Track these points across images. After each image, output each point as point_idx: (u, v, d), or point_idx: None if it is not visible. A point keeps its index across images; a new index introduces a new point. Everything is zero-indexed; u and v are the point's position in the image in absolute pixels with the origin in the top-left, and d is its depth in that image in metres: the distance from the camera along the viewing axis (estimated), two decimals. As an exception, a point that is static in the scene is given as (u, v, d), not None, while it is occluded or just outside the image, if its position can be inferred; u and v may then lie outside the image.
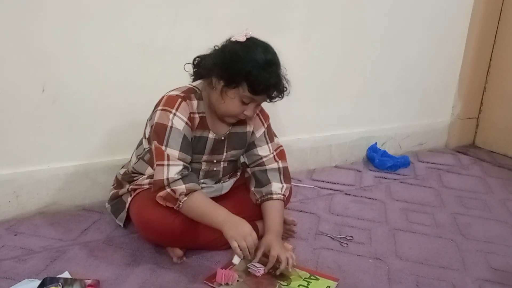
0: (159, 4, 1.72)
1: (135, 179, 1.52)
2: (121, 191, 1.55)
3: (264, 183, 1.53)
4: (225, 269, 1.34)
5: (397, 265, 1.50)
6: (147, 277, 1.36)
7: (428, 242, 1.66)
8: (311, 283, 1.36)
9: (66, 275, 1.33)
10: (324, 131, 2.31)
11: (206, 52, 1.40)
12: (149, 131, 1.43)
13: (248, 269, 1.39)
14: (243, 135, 1.52)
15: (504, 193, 2.14)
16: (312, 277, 1.39)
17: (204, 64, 1.41)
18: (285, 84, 1.38)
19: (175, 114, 1.35)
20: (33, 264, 1.40)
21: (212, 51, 1.39)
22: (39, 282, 1.25)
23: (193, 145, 1.42)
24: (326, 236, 1.66)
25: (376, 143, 2.45)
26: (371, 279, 1.41)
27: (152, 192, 1.37)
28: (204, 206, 1.35)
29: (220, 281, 1.32)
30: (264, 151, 1.55)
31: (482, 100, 2.79)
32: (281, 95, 1.39)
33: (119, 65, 1.71)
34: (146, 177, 1.49)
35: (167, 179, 1.33)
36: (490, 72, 2.72)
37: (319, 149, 2.31)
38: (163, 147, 1.34)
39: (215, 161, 1.49)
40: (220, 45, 1.38)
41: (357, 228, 1.73)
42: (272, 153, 1.55)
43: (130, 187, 1.52)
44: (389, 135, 2.53)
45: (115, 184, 1.62)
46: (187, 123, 1.37)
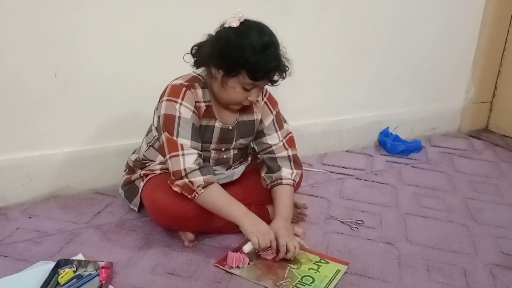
0: (169, -12, 1.72)
1: (146, 165, 1.53)
2: (134, 177, 1.56)
3: (275, 169, 1.53)
4: (236, 252, 1.35)
5: (408, 249, 1.50)
6: (159, 259, 1.38)
7: (439, 226, 1.66)
8: (321, 266, 1.37)
9: (80, 257, 1.35)
10: (335, 116, 2.30)
11: (202, 39, 1.37)
12: (157, 122, 1.42)
13: (258, 253, 1.40)
14: (251, 123, 1.51)
15: (516, 177, 2.13)
16: (322, 261, 1.40)
17: (201, 53, 1.37)
18: (286, 63, 1.35)
19: (181, 103, 1.34)
20: (48, 246, 1.42)
21: (208, 38, 1.35)
22: (53, 264, 1.28)
23: (200, 134, 1.41)
24: (336, 220, 1.66)
25: (387, 128, 2.44)
26: (381, 263, 1.42)
27: (169, 182, 1.37)
28: (221, 200, 1.36)
29: (231, 264, 1.34)
30: (273, 139, 1.54)
31: (496, 84, 2.75)
32: (283, 76, 1.36)
33: (130, 49, 1.71)
34: (157, 162, 1.49)
35: (185, 169, 1.32)
36: (504, 55, 2.67)
37: (330, 134, 2.30)
38: (175, 137, 1.34)
39: (223, 149, 1.48)
40: (214, 32, 1.34)
41: (368, 212, 1.73)
42: (281, 141, 1.54)
43: (142, 172, 1.53)
44: (401, 119, 2.50)
45: (126, 170, 1.63)
46: (194, 112, 1.36)
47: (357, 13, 2.17)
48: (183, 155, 1.33)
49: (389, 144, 2.35)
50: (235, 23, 1.29)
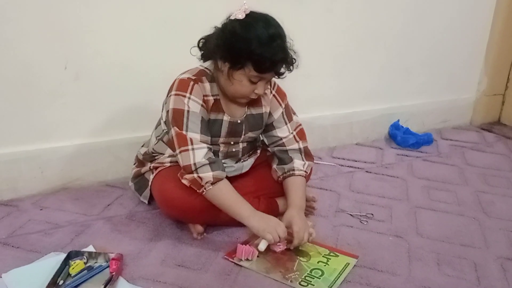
0: (180, -22, 1.71)
1: (156, 158, 1.53)
2: (143, 169, 1.57)
3: (286, 161, 1.52)
4: (245, 245, 1.36)
5: (418, 242, 1.49)
6: (168, 251, 1.38)
7: (449, 220, 1.65)
8: (330, 259, 1.37)
9: (90, 249, 1.36)
10: (345, 108, 2.29)
11: (210, 32, 1.36)
12: (165, 116, 1.42)
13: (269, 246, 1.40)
14: (259, 116, 1.50)
15: (529, 171, 2.10)
16: (331, 254, 1.39)
17: (208, 46, 1.37)
18: (293, 56, 1.33)
19: (190, 97, 1.34)
20: (59, 238, 1.43)
21: (214, 31, 1.35)
22: (64, 255, 1.29)
23: (209, 128, 1.41)
24: (346, 213, 1.66)
25: (398, 120, 2.42)
26: (391, 256, 1.41)
27: (179, 174, 1.37)
28: (229, 198, 1.35)
29: (240, 256, 1.34)
30: (283, 132, 1.53)
31: (509, 76, 2.71)
32: (290, 69, 1.35)
33: (140, 40, 1.71)
34: (167, 155, 1.49)
35: (195, 163, 1.32)
36: (518, 47, 2.64)
37: (340, 126, 2.29)
38: (184, 132, 1.34)
39: (232, 142, 1.48)
40: (220, 25, 1.33)
41: (378, 205, 1.73)
42: (291, 133, 1.54)
43: (152, 165, 1.53)
44: (412, 112, 2.48)
45: (136, 163, 1.63)
46: (202, 106, 1.36)
47: (367, 3, 2.15)
48: (193, 149, 1.33)
49: (400, 137, 2.33)
50: (241, 15, 1.28)
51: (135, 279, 1.25)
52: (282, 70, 1.34)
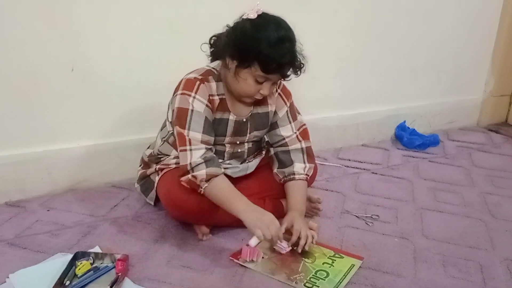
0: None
1: (161, 159, 1.54)
2: (149, 171, 1.57)
3: (287, 164, 1.53)
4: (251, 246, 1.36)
5: (423, 244, 1.49)
6: (174, 252, 1.39)
7: (456, 221, 1.64)
8: (335, 261, 1.37)
9: (96, 249, 1.37)
10: (351, 109, 2.28)
11: (222, 31, 1.38)
12: (171, 116, 1.43)
13: (273, 247, 1.40)
14: (265, 115, 1.51)
15: (536, 172, 2.09)
16: (336, 255, 1.39)
17: (218, 43, 1.38)
18: (301, 60, 1.34)
19: (194, 97, 1.35)
20: (66, 238, 1.44)
21: (226, 30, 1.36)
22: (71, 256, 1.30)
23: (214, 128, 1.41)
24: (351, 214, 1.66)
25: (404, 121, 2.41)
26: (396, 258, 1.41)
27: (177, 176, 1.38)
28: (223, 193, 1.35)
29: (245, 257, 1.35)
30: (286, 131, 1.54)
31: (516, 76, 2.70)
32: (297, 73, 1.36)
33: (146, 42, 1.72)
34: (172, 157, 1.50)
35: (190, 163, 1.33)
36: (526, 47, 2.62)
37: (346, 128, 2.28)
38: (186, 131, 1.34)
39: (238, 142, 1.48)
40: (232, 24, 1.35)
41: (384, 207, 1.72)
42: (295, 132, 1.54)
43: (157, 167, 1.54)
44: (418, 113, 2.47)
45: (142, 164, 1.64)
46: (207, 105, 1.37)
47: (373, 4, 2.14)
48: (191, 150, 1.34)
49: (406, 138, 2.33)
50: (253, 15, 1.30)
51: (140, 280, 1.26)
52: (288, 73, 1.34)
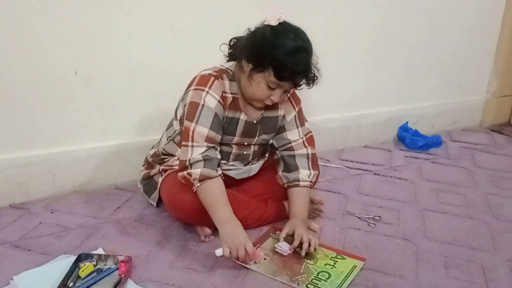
0: (188, -16, 1.73)
1: (165, 160, 1.55)
2: (152, 172, 1.58)
3: (292, 168, 1.53)
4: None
5: (426, 245, 1.49)
6: (176, 254, 1.40)
7: (458, 222, 1.64)
8: (337, 262, 1.37)
9: (100, 251, 1.38)
10: (353, 110, 2.29)
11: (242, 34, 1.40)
12: (181, 112, 1.44)
13: (275, 249, 1.41)
14: (275, 119, 1.52)
15: (539, 173, 2.08)
16: (338, 257, 1.40)
17: (238, 45, 1.41)
18: (316, 73, 1.36)
19: (208, 92, 1.36)
20: (69, 240, 1.45)
21: (247, 33, 1.38)
22: (74, 257, 1.30)
23: (224, 126, 1.42)
24: (353, 216, 1.66)
25: (407, 122, 2.41)
26: (398, 259, 1.41)
27: (176, 171, 1.39)
28: (211, 198, 1.34)
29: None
30: (293, 135, 1.54)
31: (519, 77, 2.70)
32: (310, 84, 1.38)
33: (149, 46, 1.73)
34: (176, 158, 1.51)
35: (189, 159, 1.34)
36: (528, 48, 2.62)
37: (348, 129, 2.29)
38: (193, 125, 1.35)
39: (246, 143, 1.49)
40: (253, 28, 1.37)
41: (386, 208, 1.73)
42: (301, 137, 1.55)
43: (161, 168, 1.55)
44: (421, 114, 2.48)
45: (145, 165, 1.65)
46: (219, 102, 1.38)
47: (376, 6, 2.15)
48: (193, 146, 1.35)
49: (408, 139, 2.33)
50: (274, 22, 1.32)
51: (143, 281, 1.27)
52: (300, 83, 1.36)
